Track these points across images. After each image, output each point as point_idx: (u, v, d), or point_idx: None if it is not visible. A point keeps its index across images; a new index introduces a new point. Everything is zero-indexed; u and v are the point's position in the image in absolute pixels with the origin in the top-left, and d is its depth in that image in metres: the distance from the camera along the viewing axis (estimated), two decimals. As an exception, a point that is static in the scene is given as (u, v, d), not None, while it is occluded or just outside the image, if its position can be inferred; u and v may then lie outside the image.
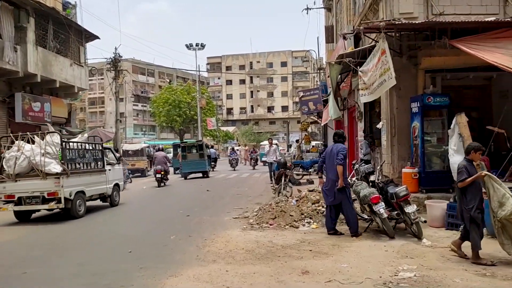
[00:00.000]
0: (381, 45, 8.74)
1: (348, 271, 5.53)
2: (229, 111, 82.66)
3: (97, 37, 22.89)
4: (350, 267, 5.67)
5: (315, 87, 27.52)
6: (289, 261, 6.09)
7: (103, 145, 13.34)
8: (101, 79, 56.96)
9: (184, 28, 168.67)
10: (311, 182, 16.23)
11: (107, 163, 12.82)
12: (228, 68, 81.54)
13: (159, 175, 18.62)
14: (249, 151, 34.12)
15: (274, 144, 18.99)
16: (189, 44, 46.06)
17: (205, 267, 5.92)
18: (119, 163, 14.31)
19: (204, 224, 9.38)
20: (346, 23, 17.01)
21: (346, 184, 7.63)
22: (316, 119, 26.40)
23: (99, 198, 12.45)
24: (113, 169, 13.20)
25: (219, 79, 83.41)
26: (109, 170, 12.79)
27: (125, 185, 16.02)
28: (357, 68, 10.43)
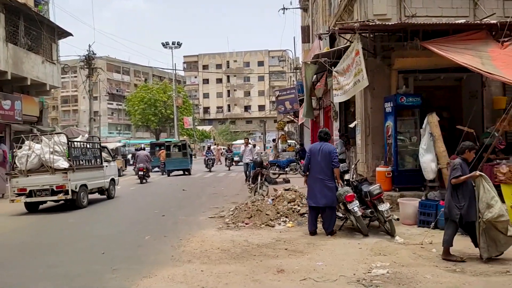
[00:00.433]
0: (356, 46, 8.85)
1: (322, 269, 5.57)
2: (206, 110, 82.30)
3: (70, 34, 22.50)
4: (325, 265, 5.72)
5: (291, 86, 27.68)
6: (264, 260, 6.09)
7: (101, 144, 14.69)
8: (75, 77, 55.84)
9: (160, 26, 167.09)
10: (287, 181, 16.29)
11: (104, 160, 14.07)
12: (204, 67, 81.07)
13: (141, 173, 19.98)
14: (221, 151, 34.02)
15: (251, 144, 19.00)
16: (166, 42, 45.29)
17: (180, 267, 5.86)
18: (114, 160, 15.61)
19: (179, 224, 9.30)
20: (321, 24, 17.18)
21: (335, 185, 7.59)
22: (292, 118, 26.57)
23: (97, 191, 13.59)
24: (109, 165, 14.41)
25: (195, 78, 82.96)
26: (106, 166, 14.02)
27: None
28: (331, 68, 10.53)
